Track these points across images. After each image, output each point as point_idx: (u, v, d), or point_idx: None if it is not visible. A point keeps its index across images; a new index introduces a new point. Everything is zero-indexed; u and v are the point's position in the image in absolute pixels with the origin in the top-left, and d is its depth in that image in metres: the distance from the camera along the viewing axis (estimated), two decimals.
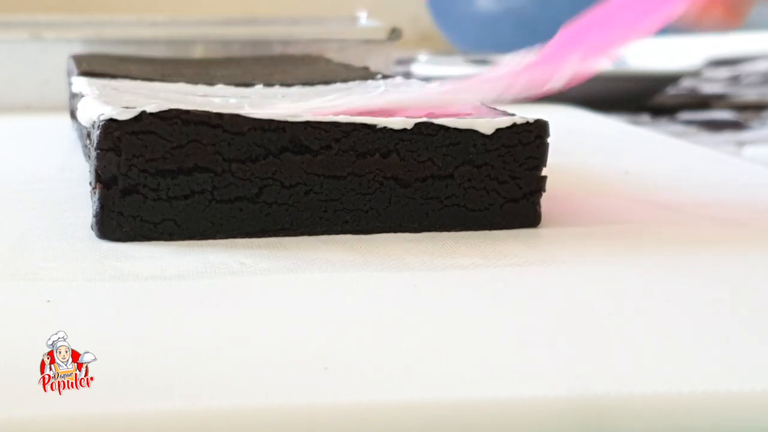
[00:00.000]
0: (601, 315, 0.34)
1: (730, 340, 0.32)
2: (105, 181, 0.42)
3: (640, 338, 0.32)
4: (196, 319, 0.34)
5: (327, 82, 0.59)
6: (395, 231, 0.44)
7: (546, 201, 0.46)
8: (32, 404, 0.27)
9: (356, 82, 0.58)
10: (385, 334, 0.32)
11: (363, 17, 0.99)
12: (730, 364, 0.30)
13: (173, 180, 0.42)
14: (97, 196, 0.42)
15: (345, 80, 0.60)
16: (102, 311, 0.34)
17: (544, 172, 0.45)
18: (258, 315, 0.34)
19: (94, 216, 0.43)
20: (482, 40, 1.97)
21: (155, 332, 0.32)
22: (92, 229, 0.43)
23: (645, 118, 1.03)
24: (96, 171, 0.42)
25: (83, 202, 0.48)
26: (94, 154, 0.42)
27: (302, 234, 0.44)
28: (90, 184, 0.44)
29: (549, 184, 0.46)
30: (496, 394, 0.28)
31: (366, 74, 0.63)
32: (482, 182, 0.45)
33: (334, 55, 0.84)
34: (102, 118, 0.42)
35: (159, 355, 0.30)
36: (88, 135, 0.45)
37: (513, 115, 0.45)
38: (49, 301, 0.35)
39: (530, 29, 1.94)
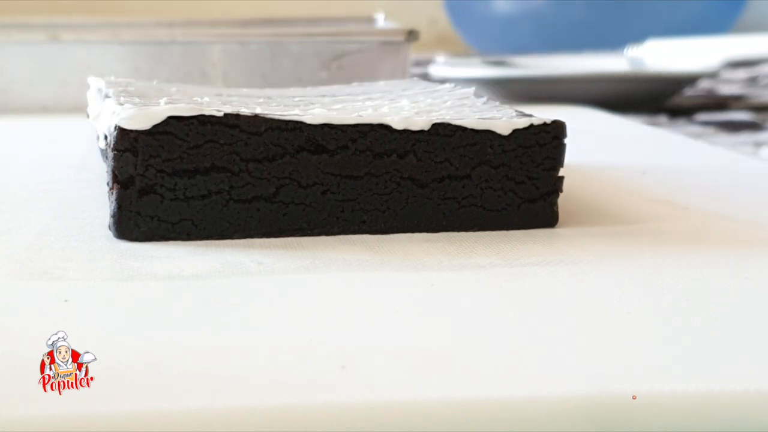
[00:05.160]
0: (619, 314, 0.34)
1: (752, 338, 0.32)
2: (122, 181, 0.42)
3: (659, 337, 0.32)
4: (213, 318, 0.34)
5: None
6: (412, 231, 0.44)
7: (563, 201, 0.46)
8: (33, 404, 0.27)
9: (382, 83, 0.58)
10: (402, 334, 0.32)
11: (381, 19, 0.99)
12: (751, 362, 0.30)
13: (190, 180, 0.42)
14: (114, 196, 0.42)
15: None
16: (119, 311, 0.34)
17: (561, 172, 0.45)
18: (275, 314, 0.34)
19: (112, 216, 0.43)
20: (500, 41, 1.97)
21: (172, 332, 0.32)
22: (110, 229, 0.43)
23: (662, 119, 1.02)
24: (113, 171, 0.42)
25: (101, 203, 0.48)
26: (111, 154, 0.42)
27: (319, 234, 0.44)
28: (107, 184, 0.44)
29: (566, 185, 0.46)
30: (514, 393, 0.28)
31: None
32: (499, 183, 0.45)
33: (352, 56, 0.84)
34: (119, 118, 0.42)
35: (176, 354, 0.30)
36: (105, 135, 0.45)
37: (530, 116, 0.45)
38: (66, 300, 0.35)
39: (547, 31, 1.94)
